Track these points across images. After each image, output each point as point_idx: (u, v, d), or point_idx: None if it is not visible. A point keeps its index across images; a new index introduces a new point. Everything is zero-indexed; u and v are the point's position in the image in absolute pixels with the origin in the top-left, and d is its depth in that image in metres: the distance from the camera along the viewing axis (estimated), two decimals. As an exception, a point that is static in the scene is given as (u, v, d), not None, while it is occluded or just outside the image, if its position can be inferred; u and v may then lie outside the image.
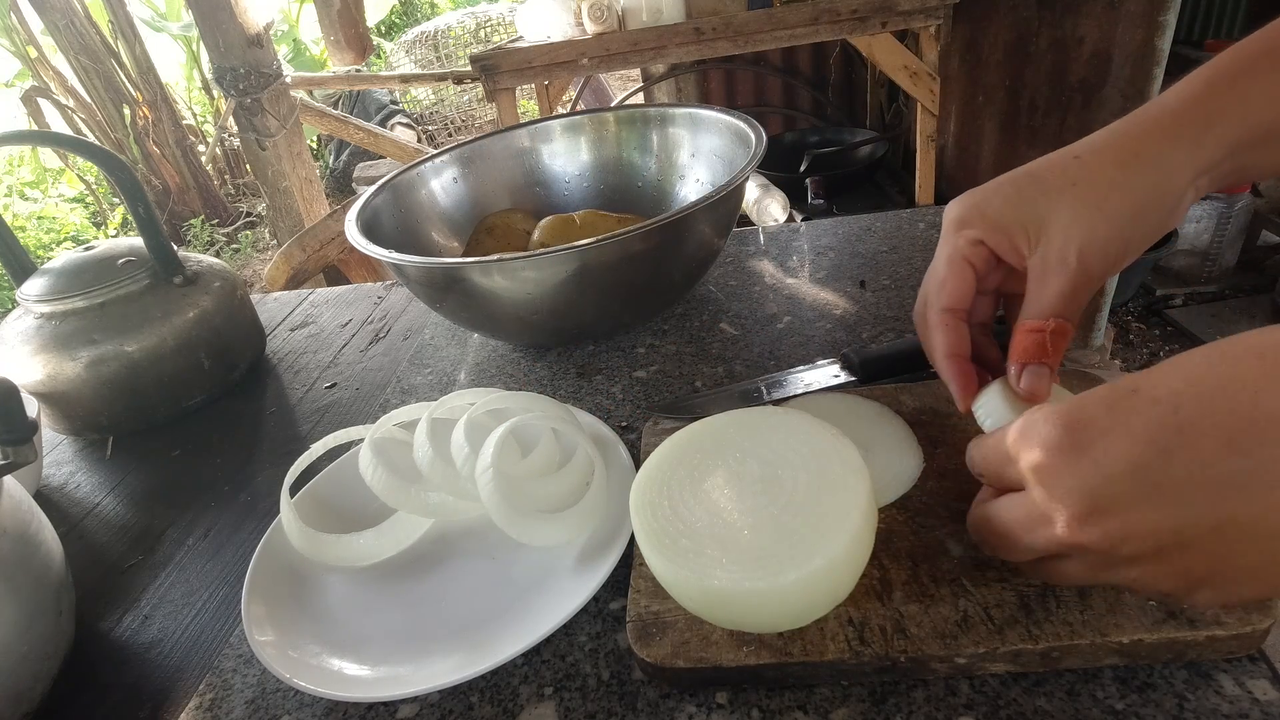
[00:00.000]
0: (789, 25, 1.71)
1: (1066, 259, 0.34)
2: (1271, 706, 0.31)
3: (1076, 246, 0.34)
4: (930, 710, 0.33)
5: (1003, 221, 0.36)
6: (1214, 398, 0.24)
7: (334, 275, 1.91)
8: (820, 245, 0.79)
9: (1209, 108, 0.34)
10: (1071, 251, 0.34)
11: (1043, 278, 0.35)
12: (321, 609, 0.44)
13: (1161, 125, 0.34)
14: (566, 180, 0.83)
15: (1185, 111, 0.34)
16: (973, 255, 0.38)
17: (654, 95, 2.84)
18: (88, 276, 0.65)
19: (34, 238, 3.84)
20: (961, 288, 0.38)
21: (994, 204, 0.37)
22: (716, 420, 0.40)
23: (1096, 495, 0.26)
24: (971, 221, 0.37)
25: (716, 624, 0.36)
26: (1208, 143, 0.34)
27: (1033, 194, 0.36)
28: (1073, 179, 0.35)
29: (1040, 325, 0.35)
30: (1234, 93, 0.34)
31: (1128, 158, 0.34)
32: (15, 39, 3.75)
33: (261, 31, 2.23)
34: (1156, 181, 0.34)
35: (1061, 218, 0.35)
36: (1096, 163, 0.35)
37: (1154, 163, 0.34)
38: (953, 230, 0.38)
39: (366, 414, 0.66)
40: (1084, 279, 0.34)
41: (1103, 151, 0.35)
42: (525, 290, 0.57)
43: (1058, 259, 0.35)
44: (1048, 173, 0.36)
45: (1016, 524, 0.29)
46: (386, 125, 3.87)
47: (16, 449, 0.40)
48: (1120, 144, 0.35)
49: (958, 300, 0.38)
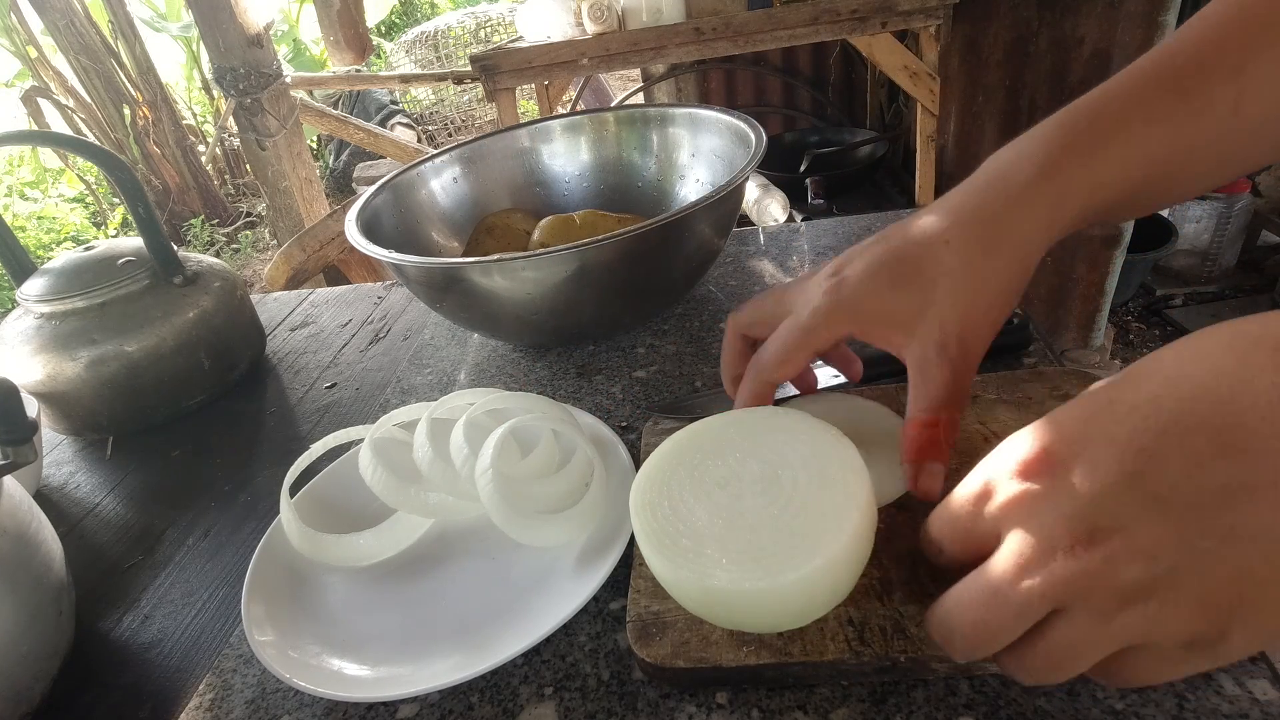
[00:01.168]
0: (789, 25, 1.71)
1: (947, 349, 0.34)
2: (1271, 706, 0.31)
3: (957, 336, 0.34)
4: (930, 710, 0.33)
5: (879, 317, 0.37)
6: (1195, 396, 0.22)
7: (334, 275, 1.91)
8: (820, 245, 0.79)
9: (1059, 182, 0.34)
10: (952, 342, 0.34)
11: (925, 370, 0.35)
12: (321, 609, 0.44)
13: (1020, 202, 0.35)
14: (566, 180, 0.83)
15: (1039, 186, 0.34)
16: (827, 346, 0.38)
17: (654, 95, 2.84)
18: (88, 276, 0.65)
19: (34, 238, 3.84)
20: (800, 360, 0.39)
21: (869, 301, 0.37)
22: (716, 420, 0.40)
23: (1093, 512, 0.23)
24: (841, 321, 0.37)
25: (717, 624, 0.36)
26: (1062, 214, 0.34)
27: (905, 284, 0.36)
28: (946, 269, 0.35)
29: (931, 420, 0.34)
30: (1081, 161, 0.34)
31: (992, 242, 0.35)
32: (15, 39, 3.75)
33: (261, 31, 2.23)
34: (1021, 258, 0.35)
35: (938, 309, 0.35)
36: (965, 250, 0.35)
37: (1018, 243, 0.35)
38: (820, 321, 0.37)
39: (366, 414, 0.66)
40: (965, 366, 0.35)
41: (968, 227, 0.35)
42: (525, 290, 0.57)
43: (937, 351, 0.34)
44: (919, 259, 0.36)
45: (1002, 582, 0.24)
46: (386, 125, 3.87)
47: (16, 449, 0.40)
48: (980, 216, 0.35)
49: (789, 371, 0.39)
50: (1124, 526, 0.23)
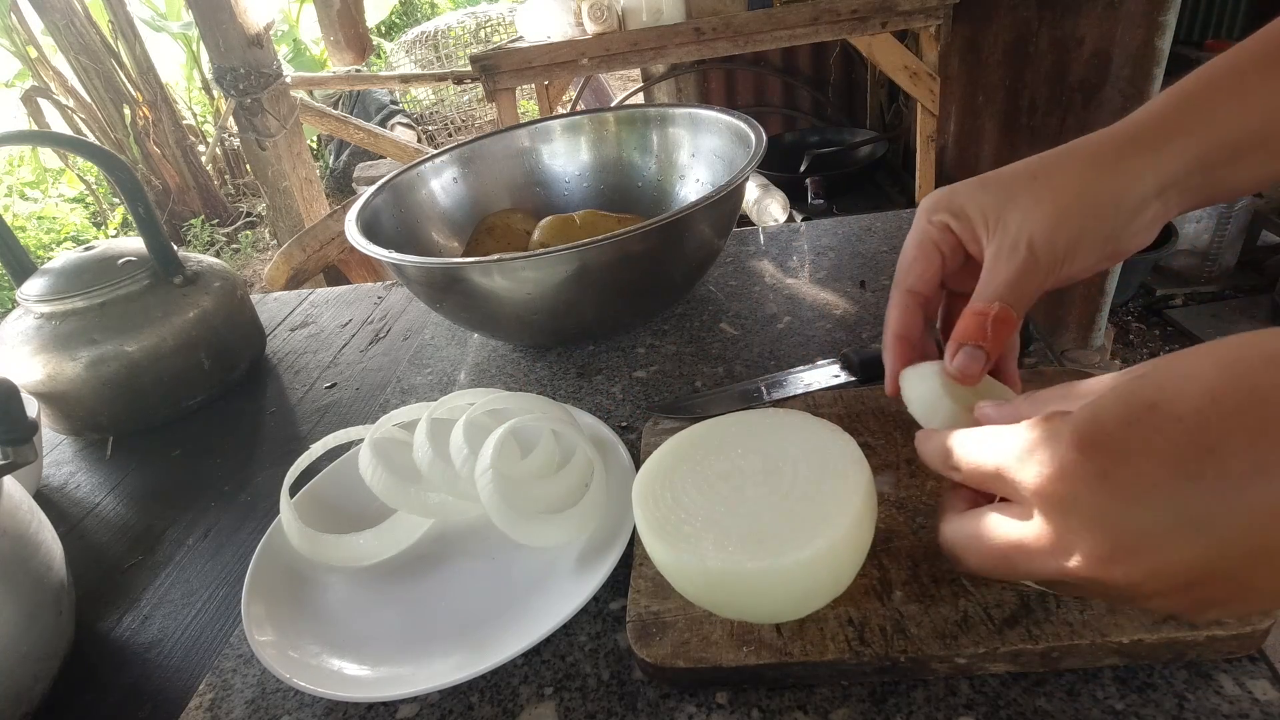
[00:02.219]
0: (789, 25, 1.71)
1: (1017, 247, 0.35)
2: (1271, 706, 0.31)
3: (1028, 236, 0.35)
4: (930, 710, 0.33)
5: (967, 210, 0.38)
6: (1241, 415, 0.22)
7: (334, 275, 1.91)
8: (820, 245, 0.79)
9: (1171, 122, 0.35)
10: (1023, 240, 0.35)
11: (994, 264, 0.36)
12: (321, 609, 0.44)
13: (1124, 136, 0.36)
14: (566, 180, 0.83)
15: (1148, 124, 0.35)
16: (941, 240, 0.39)
17: (654, 95, 2.84)
18: (88, 276, 0.65)
19: (34, 238, 3.84)
20: (928, 270, 0.39)
21: (961, 195, 0.38)
22: (717, 421, 0.40)
23: (1124, 531, 0.23)
24: (938, 209, 0.39)
25: (718, 613, 0.36)
26: (1168, 155, 0.34)
27: (996, 188, 0.37)
28: (1034, 175, 0.36)
29: (984, 308, 0.35)
30: (1197, 109, 0.35)
31: (1088, 161, 0.36)
32: (15, 39, 3.76)
33: (261, 31, 2.23)
34: (1115, 187, 0.35)
35: (1018, 209, 0.36)
36: (1059, 164, 0.36)
37: (1113, 169, 0.35)
38: (924, 216, 0.40)
39: (366, 414, 0.66)
40: (1032, 268, 0.35)
41: (1066, 156, 0.37)
42: (525, 290, 0.57)
43: (1010, 247, 0.35)
44: (1013, 172, 0.37)
45: (1016, 549, 0.26)
46: (386, 125, 3.87)
47: (16, 449, 0.40)
48: (1084, 150, 0.36)
49: (921, 282, 0.39)
50: (1156, 549, 0.23)
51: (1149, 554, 0.23)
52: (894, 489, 0.42)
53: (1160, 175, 0.34)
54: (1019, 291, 0.35)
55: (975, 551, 0.28)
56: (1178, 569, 0.23)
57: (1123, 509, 0.23)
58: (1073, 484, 0.24)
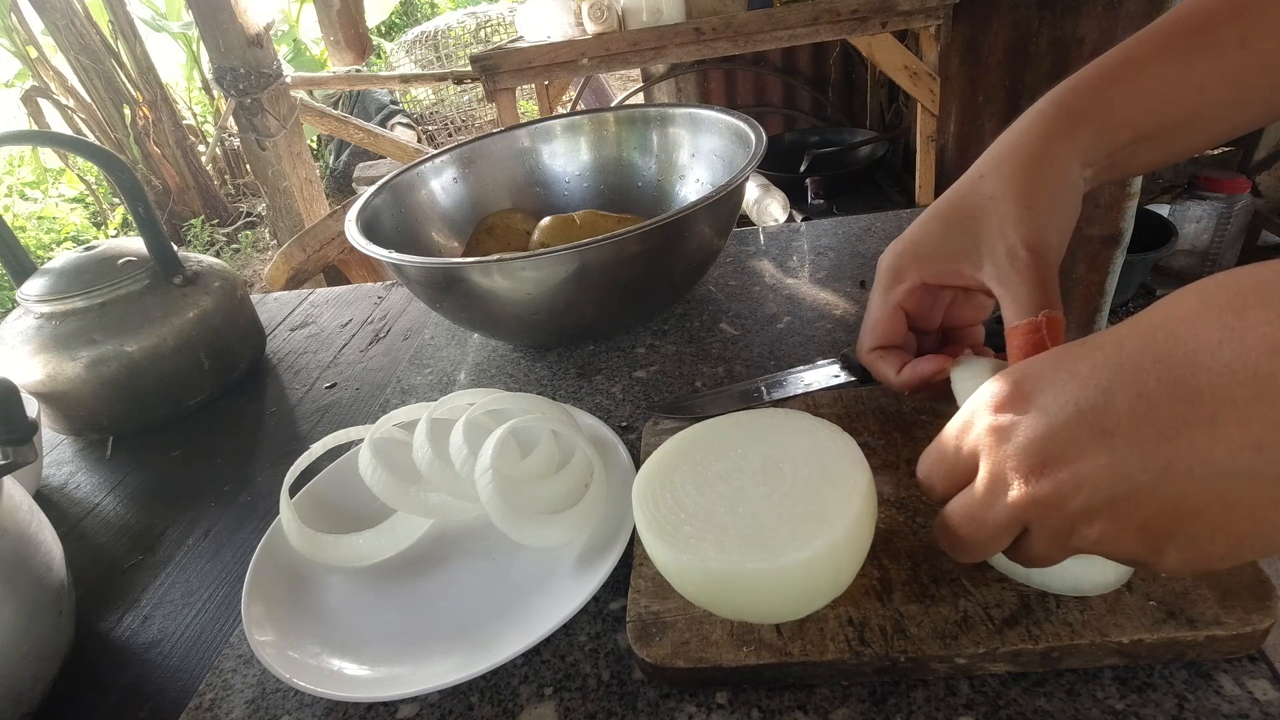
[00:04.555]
0: (789, 25, 1.71)
1: (1017, 256, 0.35)
2: (1271, 706, 0.31)
3: (1020, 240, 0.35)
4: (930, 710, 0.33)
5: (939, 256, 0.38)
6: (1152, 334, 0.24)
7: (334, 275, 1.91)
8: (820, 245, 0.79)
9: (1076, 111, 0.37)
10: (1019, 247, 0.35)
11: (1006, 283, 0.36)
12: (321, 609, 0.44)
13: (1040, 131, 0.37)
14: (566, 180, 0.83)
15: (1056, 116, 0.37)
16: (906, 301, 0.40)
17: (654, 95, 2.84)
18: (88, 276, 0.65)
19: (34, 238, 3.84)
20: (892, 330, 0.41)
21: (926, 244, 0.39)
22: (717, 421, 0.40)
23: (1044, 445, 0.25)
24: (907, 269, 0.40)
25: (718, 613, 0.36)
26: (1080, 141, 0.36)
27: (958, 221, 0.38)
28: (986, 194, 0.37)
29: (1034, 323, 0.35)
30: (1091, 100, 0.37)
31: (1024, 160, 0.37)
32: (15, 39, 3.75)
33: (261, 31, 2.23)
34: (1055, 173, 0.36)
35: (993, 227, 0.36)
36: (1002, 175, 0.37)
37: (1045, 160, 0.36)
38: (890, 279, 0.40)
39: (366, 414, 0.66)
40: (1043, 265, 0.35)
41: (1001, 164, 0.37)
42: (525, 290, 0.57)
43: (1009, 260, 0.36)
44: (962, 199, 0.38)
45: (976, 506, 0.28)
46: (386, 125, 3.87)
47: (16, 449, 0.40)
48: (1013, 153, 0.37)
49: (888, 341, 0.41)
50: (1071, 458, 0.25)
51: (1068, 462, 0.25)
52: (894, 489, 0.42)
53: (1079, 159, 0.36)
54: (1046, 291, 0.35)
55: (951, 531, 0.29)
56: (1094, 477, 0.24)
57: (1045, 427, 0.25)
58: (1005, 415, 0.26)
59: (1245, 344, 0.21)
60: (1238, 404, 0.21)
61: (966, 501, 0.29)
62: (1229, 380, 0.22)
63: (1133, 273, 1.99)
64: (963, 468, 0.29)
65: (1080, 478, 0.24)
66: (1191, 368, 0.22)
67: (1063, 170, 0.36)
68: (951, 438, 0.29)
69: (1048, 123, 0.37)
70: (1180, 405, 0.22)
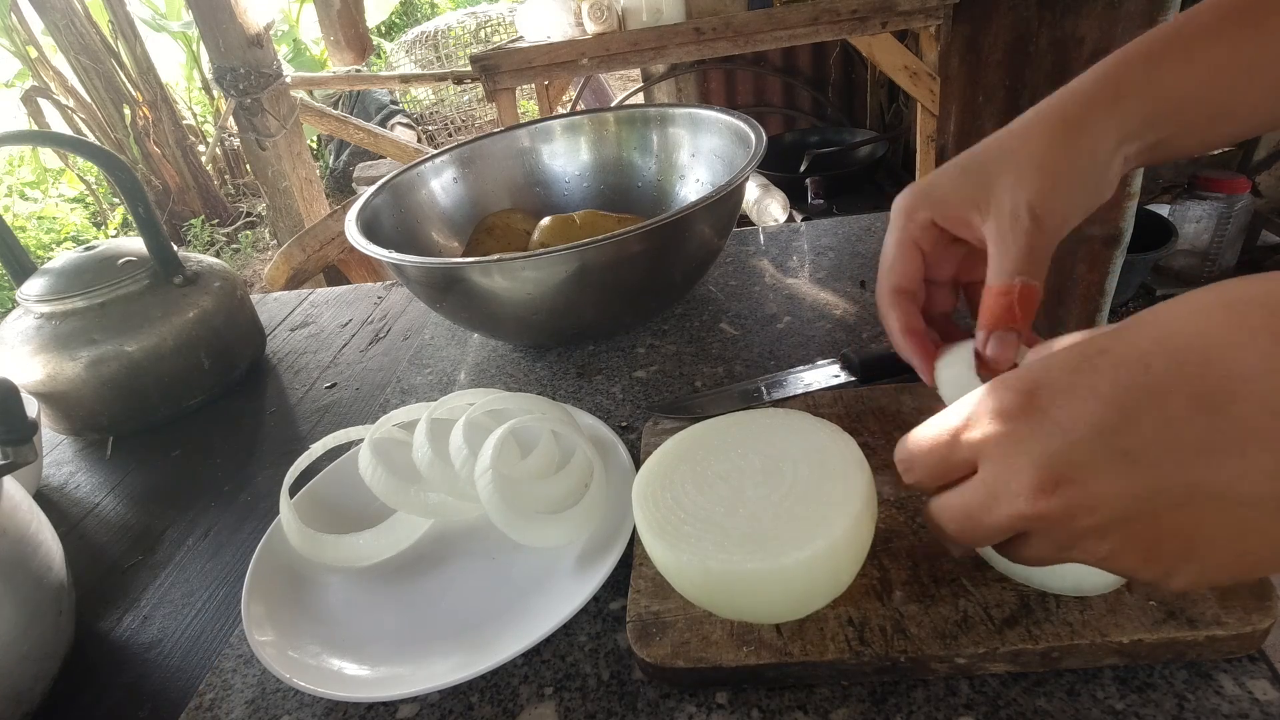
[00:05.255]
0: (789, 25, 1.71)
1: (1019, 217, 0.35)
2: (1271, 706, 0.31)
3: (1026, 203, 0.35)
4: (930, 710, 0.33)
5: (952, 199, 0.37)
6: (1184, 355, 0.23)
7: (334, 275, 1.91)
8: (820, 245, 0.79)
9: (1122, 83, 0.36)
10: (1023, 209, 0.35)
11: (1001, 241, 0.35)
12: (321, 609, 0.44)
13: (1081, 97, 0.36)
14: (566, 180, 0.83)
15: (1101, 84, 0.36)
16: (921, 238, 0.39)
17: (654, 95, 2.84)
18: (88, 276, 0.65)
19: (34, 238, 3.84)
20: (909, 269, 0.39)
21: (941, 186, 0.38)
22: (717, 421, 0.40)
23: (1058, 461, 0.24)
24: (919, 207, 0.39)
25: (718, 613, 0.36)
26: (1122, 114, 0.35)
27: (976, 171, 0.37)
28: (1011, 149, 0.36)
29: (1007, 288, 0.34)
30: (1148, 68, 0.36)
31: (1056, 124, 0.36)
32: (15, 39, 3.75)
33: (261, 31, 2.23)
34: (1085, 145, 0.35)
35: (1007, 182, 0.36)
36: (1029, 133, 0.36)
37: (1079, 128, 0.36)
38: (903, 216, 0.39)
39: (366, 414, 0.66)
40: (1040, 234, 0.35)
41: (1033, 124, 0.37)
42: (525, 290, 0.57)
43: (1011, 219, 0.35)
44: (986, 151, 0.37)
45: (975, 505, 0.27)
46: (386, 125, 3.87)
47: (16, 449, 0.40)
48: (1047, 116, 0.37)
49: (906, 280, 0.39)
50: (1085, 478, 0.24)
51: (1081, 482, 0.24)
52: (894, 489, 0.42)
53: (1119, 132, 0.35)
54: (1034, 261, 0.35)
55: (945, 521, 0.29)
56: (1110, 498, 0.23)
57: (1060, 443, 0.24)
58: (1015, 424, 0.25)
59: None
60: (1273, 434, 0.21)
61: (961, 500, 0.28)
62: (1264, 410, 0.21)
63: (1133, 273, 1.99)
64: (955, 464, 0.28)
65: (1095, 497, 0.24)
66: (1227, 395, 0.22)
67: (1094, 143, 0.35)
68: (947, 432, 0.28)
69: (1092, 90, 0.36)
70: (1209, 432, 0.22)
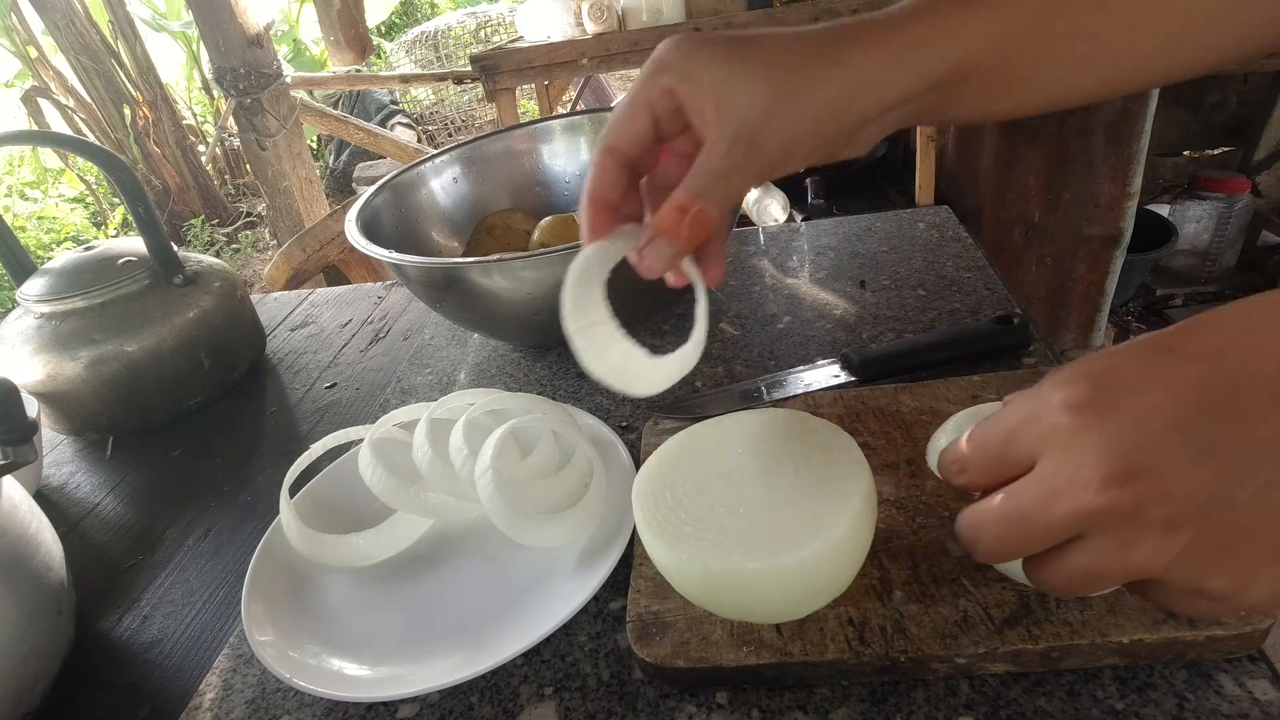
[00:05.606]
0: (789, 25, 1.71)
1: (738, 141, 0.32)
2: (1271, 706, 0.31)
3: (750, 131, 0.32)
4: (930, 710, 0.33)
5: (699, 79, 0.33)
6: (1260, 352, 0.22)
7: (334, 275, 1.91)
8: (820, 245, 0.79)
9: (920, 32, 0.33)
10: (745, 135, 0.32)
11: (711, 151, 0.33)
12: (321, 609, 0.44)
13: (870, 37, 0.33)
14: (566, 180, 0.83)
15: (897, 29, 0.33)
16: (657, 103, 0.34)
17: (654, 95, 2.84)
18: (88, 276, 0.65)
19: (34, 238, 3.84)
20: (632, 130, 0.35)
21: (699, 60, 0.34)
22: (717, 421, 0.40)
23: (1133, 452, 0.23)
24: (670, 68, 0.34)
25: (718, 613, 0.36)
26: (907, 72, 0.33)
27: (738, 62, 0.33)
28: (776, 61, 0.33)
29: (686, 203, 0.33)
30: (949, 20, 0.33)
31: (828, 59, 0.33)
32: (15, 39, 3.75)
33: (261, 31, 2.23)
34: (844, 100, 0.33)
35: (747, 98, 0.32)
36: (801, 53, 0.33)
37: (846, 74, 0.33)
38: (650, 73, 0.35)
39: (366, 414, 0.66)
40: (748, 165, 0.33)
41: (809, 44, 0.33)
42: (525, 290, 0.57)
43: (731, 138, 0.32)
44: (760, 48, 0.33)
45: (1031, 501, 0.25)
46: (386, 125, 3.87)
47: (16, 449, 0.40)
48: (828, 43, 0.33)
49: (625, 141, 0.35)
50: (1162, 470, 0.23)
51: (1156, 474, 0.23)
52: (894, 489, 0.42)
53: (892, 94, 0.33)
54: (728, 186, 0.33)
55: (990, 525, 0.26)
56: (1185, 491, 0.22)
57: (1132, 435, 0.23)
58: (1081, 416, 0.24)
59: None
60: None
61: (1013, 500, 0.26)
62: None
63: (1132, 273, 1.99)
64: (1013, 461, 0.26)
65: (1169, 488, 0.23)
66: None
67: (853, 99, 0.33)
68: (1005, 428, 0.26)
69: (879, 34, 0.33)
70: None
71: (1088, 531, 0.24)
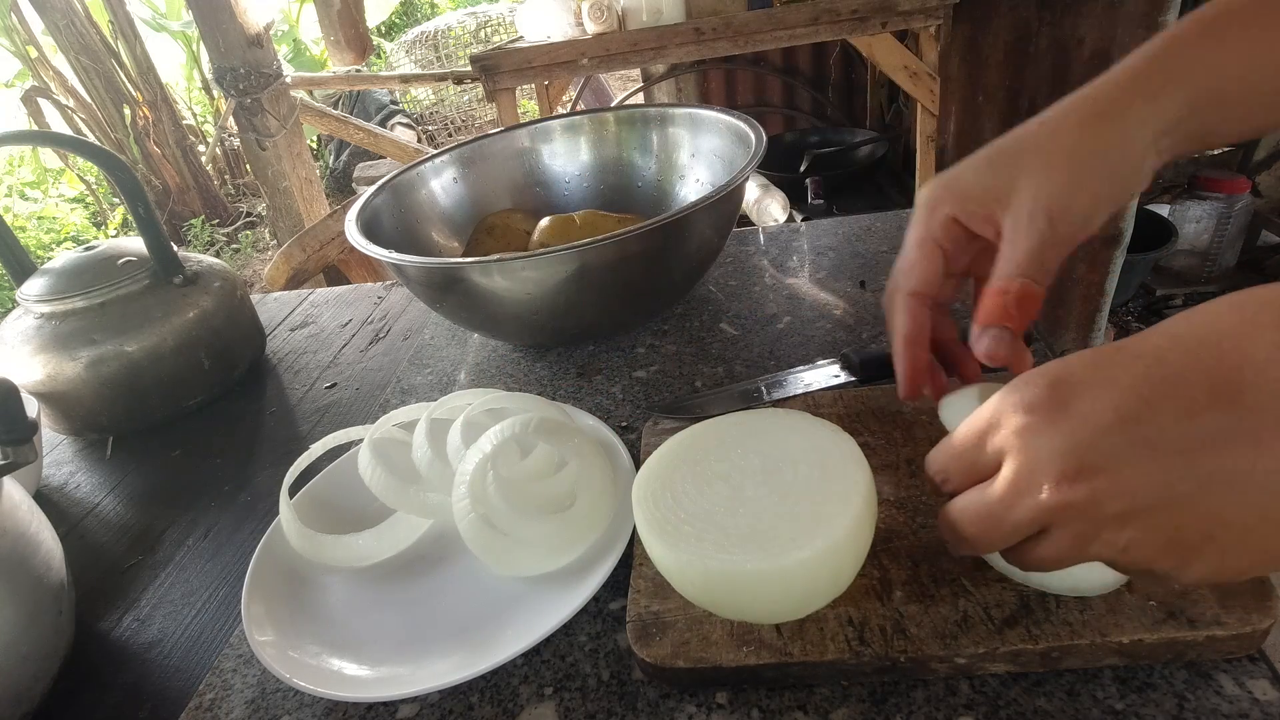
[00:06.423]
0: (789, 25, 1.71)
1: (1035, 218, 0.34)
2: (1271, 706, 0.31)
3: (1044, 206, 0.34)
4: (930, 710, 0.33)
5: (974, 193, 0.36)
6: (1198, 349, 0.24)
7: (334, 275, 1.91)
8: (820, 245, 0.79)
9: (1167, 66, 0.35)
10: (1040, 212, 0.34)
11: (1013, 238, 0.35)
12: (321, 609, 0.44)
13: (1121, 84, 0.35)
14: (566, 180, 0.83)
15: (1144, 69, 0.35)
16: (944, 236, 0.38)
17: (654, 95, 2.84)
18: (88, 276, 0.65)
19: (34, 238, 3.83)
20: (929, 271, 0.38)
21: (965, 178, 0.37)
22: (717, 421, 0.40)
23: (1084, 451, 0.25)
24: (943, 200, 0.37)
25: (718, 613, 0.36)
26: (1166, 100, 0.34)
27: (1002, 163, 0.36)
28: (1039, 144, 0.36)
29: (1005, 286, 0.34)
30: (1193, 53, 0.35)
31: (1089, 117, 0.35)
32: (15, 39, 3.75)
33: (261, 31, 2.23)
34: (1118, 140, 0.34)
35: (1030, 181, 0.35)
36: (1060, 126, 0.35)
37: (1114, 120, 0.35)
38: (925, 212, 0.38)
39: (366, 414, 0.66)
40: (1051, 239, 0.34)
41: (1066, 114, 0.36)
42: (525, 290, 0.57)
43: (1027, 219, 0.34)
44: (1015, 142, 0.36)
45: (998, 502, 0.27)
46: (386, 125, 3.87)
47: (16, 449, 0.40)
48: (1082, 105, 0.36)
49: (925, 284, 0.38)
50: (1111, 466, 0.24)
51: (1105, 471, 0.24)
52: (894, 489, 0.42)
53: (1157, 122, 0.34)
54: (1039, 263, 0.34)
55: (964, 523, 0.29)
56: (1133, 486, 0.24)
57: (1084, 435, 0.25)
58: (1036, 417, 0.26)
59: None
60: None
61: (982, 498, 0.28)
62: (1276, 398, 0.22)
63: (1133, 273, 1.99)
64: (984, 465, 0.28)
65: (1119, 485, 0.24)
66: (1239, 385, 0.23)
67: (1127, 134, 0.34)
68: (975, 434, 0.29)
69: (1129, 78, 0.35)
70: (1226, 420, 0.23)
71: (1050, 526, 0.26)
